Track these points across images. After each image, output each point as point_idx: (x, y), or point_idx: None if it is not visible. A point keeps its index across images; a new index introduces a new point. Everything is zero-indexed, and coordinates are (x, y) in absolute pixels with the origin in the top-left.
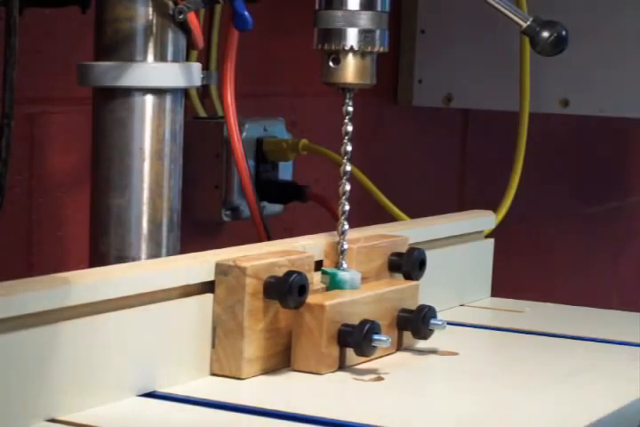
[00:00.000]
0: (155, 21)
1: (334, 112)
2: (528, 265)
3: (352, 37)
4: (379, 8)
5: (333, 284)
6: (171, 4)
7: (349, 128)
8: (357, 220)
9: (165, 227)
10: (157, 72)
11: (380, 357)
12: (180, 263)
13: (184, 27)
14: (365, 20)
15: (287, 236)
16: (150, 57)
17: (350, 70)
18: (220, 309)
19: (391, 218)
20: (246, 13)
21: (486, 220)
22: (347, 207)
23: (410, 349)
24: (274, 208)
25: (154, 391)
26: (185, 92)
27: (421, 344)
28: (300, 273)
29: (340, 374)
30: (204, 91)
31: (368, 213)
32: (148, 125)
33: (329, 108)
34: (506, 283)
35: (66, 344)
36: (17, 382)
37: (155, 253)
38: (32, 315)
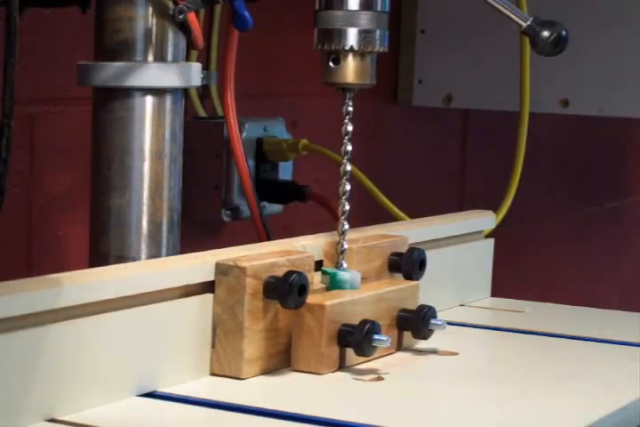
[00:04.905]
0: (155, 21)
1: (334, 112)
2: (528, 265)
3: (352, 37)
4: (379, 8)
5: (333, 284)
6: (171, 4)
7: (349, 128)
8: (357, 220)
9: (165, 227)
10: (157, 72)
11: (380, 357)
12: (180, 263)
13: (184, 27)
14: (365, 20)
15: (287, 236)
16: (150, 57)
17: (350, 70)
18: (220, 309)
19: (391, 218)
20: (246, 13)
21: (486, 220)
22: (347, 207)
23: (410, 349)
24: (274, 208)
25: (154, 391)
26: (185, 92)
27: (421, 344)
28: (300, 273)
29: (340, 374)
30: (204, 91)
31: (368, 213)
32: (148, 125)
33: (329, 108)
34: (506, 283)
35: (66, 344)
36: (16, 381)
37: (155, 253)
38: (32, 315)
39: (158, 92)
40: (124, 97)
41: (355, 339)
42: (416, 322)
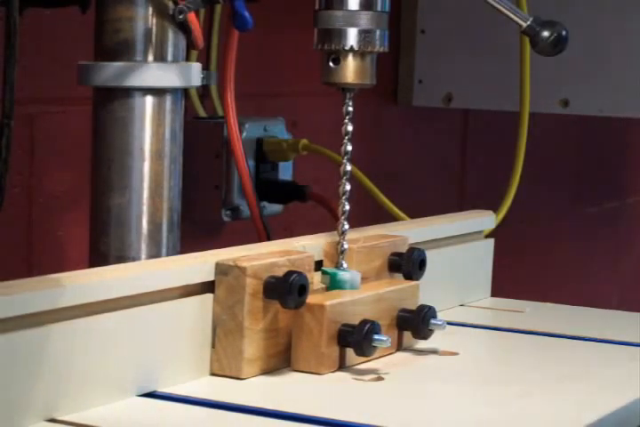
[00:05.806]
0: (155, 21)
1: (334, 112)
2: (528, 265)
3: (352, 37)
4: (379, 8)
5: (333, 284)
6: (171, 4)
7: (349, 128)
8: (357, 220)
9: (165, 227)
10: (157, 72)
11: (380, 357)
12: (180, 263)
13: (184, 27)
14: (365, 20)
15: (287, 236)
16: (150, 57)
17: (350, 70)
18: (220, 309)
19: (391, 218)
20: (246, 13)
21: (486, 220)
22: (347, 207)
23: (410, 349)
24: (274, 208)
25: (154, 391)
26: (185, 92)
27: (421, 344)
28: (300, 273)
29: (340, 374)
30: (203, 91)
31: (368, 213)
32: (148, 125)
33: (329, 108)
34: (506, 283)
35: (66, 344)
36: (17, 381)
37: (155, 253)
38: (32, 315)
39: (158, 92)
40: (124, 97)
41: (355, 339)
42: (416, 322)
